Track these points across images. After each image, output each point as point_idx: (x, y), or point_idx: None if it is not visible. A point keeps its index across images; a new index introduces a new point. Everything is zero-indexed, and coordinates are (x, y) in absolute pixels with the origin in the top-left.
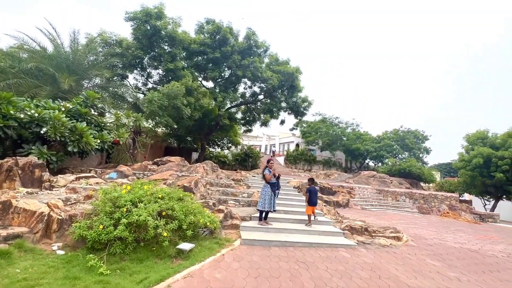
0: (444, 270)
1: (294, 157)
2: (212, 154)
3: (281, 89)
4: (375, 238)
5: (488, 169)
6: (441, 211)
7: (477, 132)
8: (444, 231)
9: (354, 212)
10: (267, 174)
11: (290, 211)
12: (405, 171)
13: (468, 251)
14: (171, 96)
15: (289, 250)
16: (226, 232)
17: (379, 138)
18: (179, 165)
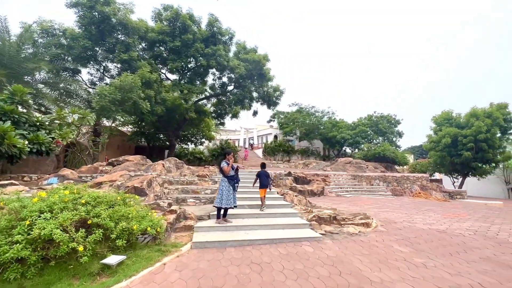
0: (411, 256)
1: (272, 148)
2: (187, 151)
3: (250, 78)
4: (344, 226)
5: (455, 148)
6: (413, 192)
7: (443, 113)
8: (414, 213)
9: (328, 199)
10: (225, 166)
11: (255, 205)
12: (380, 156)
13: (436, 232)
14: (125, 89)
15: (245, 250)
16: (177, 235)
17: (354, 125)
18: (138, 164)
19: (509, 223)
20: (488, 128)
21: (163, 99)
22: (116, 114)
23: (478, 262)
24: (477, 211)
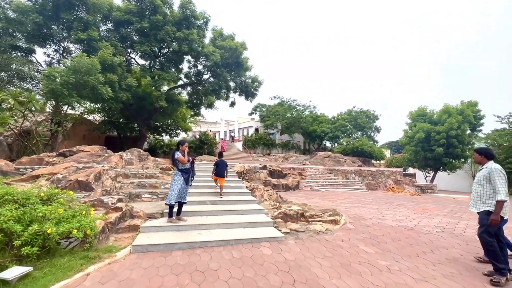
0: (376, 258)
1: (253, 141)
2: (162, 142)
3: (227, 67)
4: (311, 223)
5: (428, 143)
6: (387, 186)
7: (418, 109)
8: (385, 208)
9: (302, 194)
10: (180, 157)
11: (219, 202)
12: (358, 150)
13: (404, 230)
14: (80, 71)
15: (194, 254)
16: (118, 237)
17: (335, 119)
18: (94, 155)
19: (475, 219)
20: (459, 124)
21: (129, 85)
22: (70, 99)
23: (444, 264)
24: (446, 206)
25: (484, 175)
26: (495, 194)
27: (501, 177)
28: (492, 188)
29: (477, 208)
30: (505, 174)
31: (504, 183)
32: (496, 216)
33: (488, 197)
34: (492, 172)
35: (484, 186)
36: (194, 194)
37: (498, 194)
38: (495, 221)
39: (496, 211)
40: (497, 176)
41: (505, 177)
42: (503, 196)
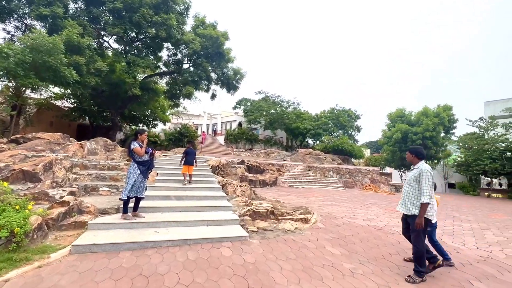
0: (341, 260)
1: (235, 136)
2: None
3: (208, 57)
4: (281, 222)
5: (405, 143)
6: (364, 184)
7: (397, 111)
8: (358, 206)
9: (278, 190)
10: (137, 147)
11: (184, 197)
12: (338, 148)
13: (373, 230)
14: (39, 50)
15: (144, 255)
16: (60, 235)
17: (317, 117)
18: (53, 143)
19: (443, 219)
20: (434, 126)
21: (99, 70)
22: (27, 80)
23: (409, 268)
24: None
25: (415, 176)
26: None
27: (428, 179)
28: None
29: (405, 209)
30: (433, 176)
31: (430, 185)
32: (420, 219)
33: (416, 198)
34: (421, 172)
35: (413, 186)
36: (160, 188)
37: (423, 196)
38: (418, 224)
39: (420, 213)
40: (425, 177)
41: (433, 179)
42: (426, 199)
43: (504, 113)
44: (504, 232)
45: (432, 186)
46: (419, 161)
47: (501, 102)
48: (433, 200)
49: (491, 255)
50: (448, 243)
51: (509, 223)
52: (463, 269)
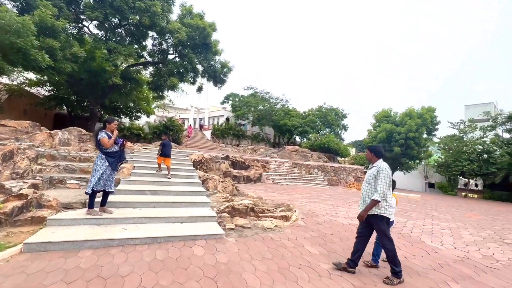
0: (319, 260)
1: (222, 131)
2: (123, 125)
3: (194, 48)
4: (261, 219)
5: (389, 143)
6: (348, 182)
7: (383, 111)
8: (341, 204)
9: (262, 187)
10: (104, 138)
11: (161, 192)
12: (325, 146)
13: (354, 229)
14: (6, 30)
15: (107, 254)
16: (14, 231)
17: (305, 114)
18: (21, 131)
19: (423, 218)
20: (417, 127)
21: (76, 56)
22: None
23: (387, 268)
24: (399, 204)
25: (374, 174)
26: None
27: (385, 177)
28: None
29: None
30: (390, 175)
31: (386, 184)
32: (365, 212)
33: (372, 194)
34: (379, 170)
35: (372, 185)
36: (135, 182)
37: (376, 192)
38: (360, 217)
39: (365, 208)
40: (383, 175)
41: (390, 179)
42: (378, 196)
43: (483, 117)
44: (480, 232)
45: (388, 185)
46: (378, 160)
47: (480, 106)
48: (392, 198)
49: (468, 255)
50: (427, 242)
51: (485, 223)
52: (441, 270)
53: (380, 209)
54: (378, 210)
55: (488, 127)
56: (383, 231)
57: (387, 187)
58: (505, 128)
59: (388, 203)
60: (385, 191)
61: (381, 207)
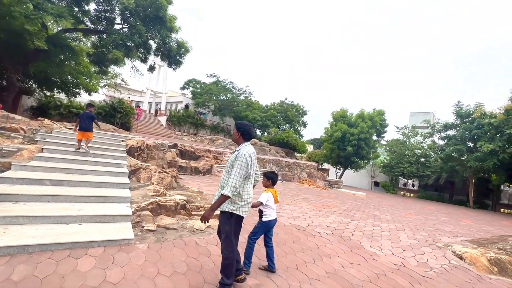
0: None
1: (179, 118)
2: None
3: (145, 20)
4: (192, 218)
5: (343, 143)
6: (301, 178)
7: (340, 111)
8: (288, 202)
9: (210, 180)
10: None
11: (66, 182)
12: (283, 141)
13: (295, 231)
14: None
15: None
16: None
17: (267, 108)
18: None
19: (365, 218)
20: (368, 129)
21: None
22: None
23: (322, 282)
24: (345, 202)
25: (232, 160)
26: None
27: (241, 166)
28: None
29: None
30: (249, 164)
31: (241, 175)
32: (210, 212)
33: (225, 187)
34: (238, 156)
35: (229, 173)
36: (36, 169)
37: (226, 186)
38: (203, 217)
39: (212, 205)
40: (238, 163)
41: (247, 168)
42: (228, 191)
43: (424, 124)
44: (415, 234)
45: (245, 177)
46: (244, 142)
47: (422, 114)
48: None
49: (404, 262)
50: (366, 247)
51: (419, 223)
52: (377, 281)
53: (233, 204)
54: (230, 206)
55: (427, 134)
56: (226, 232)
57: (241, 179)
58: (440, 136)
59: (244, 199)
60: (237, 184)
61: (234, 203)
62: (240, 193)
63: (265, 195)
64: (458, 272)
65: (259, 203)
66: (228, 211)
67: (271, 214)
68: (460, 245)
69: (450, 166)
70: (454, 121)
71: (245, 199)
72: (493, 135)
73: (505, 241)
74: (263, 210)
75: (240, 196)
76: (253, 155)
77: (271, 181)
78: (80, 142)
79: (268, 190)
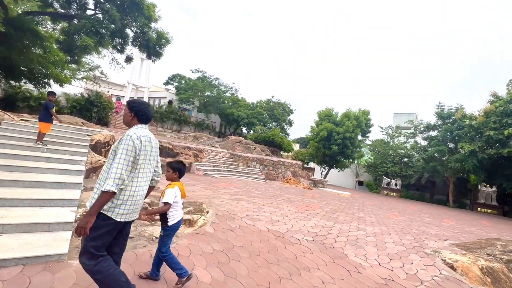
0: None
1: (161, 114)
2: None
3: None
4: (154, 224)
5: (329, 142)
6: (286, 177)
7: (326, 110)
8: (269, 202)
9: (187, 179)
10: None
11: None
12: (269, 140)
13: (272, 238)
14: None
15: None
16: None
17: (253, 106)
18: None
19: (350, 221)
20: (353, 128)
21: None
22: None
23: None
24: (329, 202)
25: (116, 145)
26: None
27: (128, 151)
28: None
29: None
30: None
31: (127, 162)
32: (88, 217)
33: (105, 181)
34: (122, 139)
35: (110, 162)
36: None
37: (107, 179)
38: (79, 228)
39: (91, 209)
40: (124, 146)
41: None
42: (109, 185)
43: (408, 125)
44: (402, 238)
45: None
46: (137, 124)
47: (405, 115)
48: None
49: (392, 274)
50: (351, 256)
51: (404, 225)
52: None
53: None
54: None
55: (410, 134)
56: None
57: (129, 168)
58: (422, 136)
59: (123, 196)
60: (124, 174)
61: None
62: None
63: (171, 192)
64: (450, 285)
65: (166, 206)
66: (103, 213)
67: (178, 213)
68: (449, 251)
69: (432, 166)
70: (436, 122)
71: (124, 197)
72: (473, 136)
73: (493, 245)
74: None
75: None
76: (148, 141)
77: (178, 173)
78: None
79: (173, 185)
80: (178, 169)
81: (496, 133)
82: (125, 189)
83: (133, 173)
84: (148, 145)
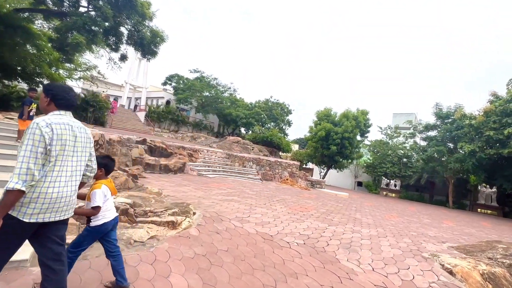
0: None
1: (159, 114)
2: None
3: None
4: (135, 226)
5: (327, 142)
6: (283, 178)
7: (324, 110)
8: (262, 203)
9: (180, 179)
10: None
11: None
12: (268, 140)
13: (260, 241)
14: None
15: None
16: None
17: (252, 106)
18: None
19: (345, 223)
20: (352, 129)
21: None
22: None
23: None
24: (325, 203)
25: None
26: None
27: (33, 140)
28: None
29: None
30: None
31: (35, 155)
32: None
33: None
34: (25, 131)
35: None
36: None
37: (11, 176)
38: None
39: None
40: (28, 137)
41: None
42: (13, 182)
43: (407, 125)
44: (399, 241)
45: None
46: (54, 111)
47: (405, 115)
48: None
49: (386, 281)
50: (343, 261)
51: (402, 227)
52: None
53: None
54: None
55: (409, 135)
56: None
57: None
58: (422, 137)
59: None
60: (31, 166)
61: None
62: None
63: (99, 194)
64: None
65: (95, 209)
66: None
67: (106, 214)
68: (448, 255)
69: (431, 167)
70: (435, 122)
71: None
72: (472, 136)
73: (494, 248)
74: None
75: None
76: (67, 129)
77: (104, 170)
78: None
79: (100, 184)
80: (104, 164)
81: (496, 133)
82: (35, 185)
83: (47, 167)
84: (66, 133)
